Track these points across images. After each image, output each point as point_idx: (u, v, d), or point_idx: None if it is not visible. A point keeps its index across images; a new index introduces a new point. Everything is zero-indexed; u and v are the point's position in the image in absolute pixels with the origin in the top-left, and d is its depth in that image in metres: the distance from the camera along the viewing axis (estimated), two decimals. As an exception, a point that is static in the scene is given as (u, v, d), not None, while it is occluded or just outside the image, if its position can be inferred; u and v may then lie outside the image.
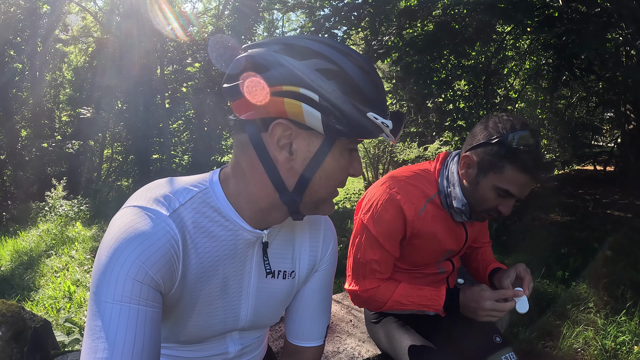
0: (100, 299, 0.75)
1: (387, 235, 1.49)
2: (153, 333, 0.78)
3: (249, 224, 0.91)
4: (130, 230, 0.79)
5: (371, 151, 18.19)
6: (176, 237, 0.83)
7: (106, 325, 0.73)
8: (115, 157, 17.22)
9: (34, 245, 5.88)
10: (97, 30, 16.14)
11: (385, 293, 1.54)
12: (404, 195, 1.48)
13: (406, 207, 1.47)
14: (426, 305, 1.52)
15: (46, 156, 13.59)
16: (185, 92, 14.65)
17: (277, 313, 1.09)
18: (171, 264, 0.82)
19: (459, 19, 6.55)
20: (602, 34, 4.27)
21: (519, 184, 1.34)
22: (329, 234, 1.13)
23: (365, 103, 0.78)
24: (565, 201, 7.64)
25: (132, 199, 0.87)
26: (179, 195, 0.87)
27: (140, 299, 0.76)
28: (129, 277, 0.76)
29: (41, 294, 4.00)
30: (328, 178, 0.85)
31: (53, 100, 16.20)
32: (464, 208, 1.47)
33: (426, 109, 9.46)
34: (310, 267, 1.09)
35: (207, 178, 0.93)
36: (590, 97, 10.34)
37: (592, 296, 3.73)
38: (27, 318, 1.82)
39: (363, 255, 1.53)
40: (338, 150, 0.83)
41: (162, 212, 0.83)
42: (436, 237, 1.54)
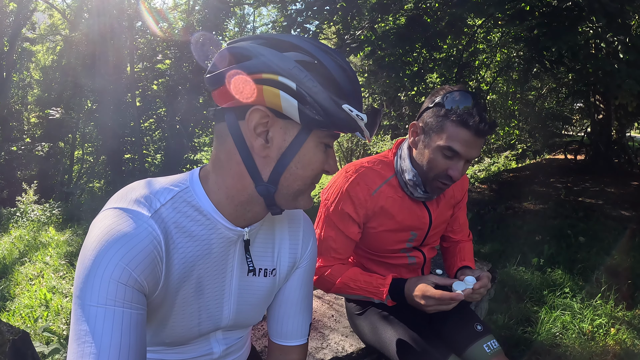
0: (84, 303, 0.75)
1: (340, 215, 1.53)
2: (139, 335, 0.78)
3: (230, 221, 0.91)
4: (113, 232, 0.78)
5: (344, 145, 18.31)
6: (158, 238, 0.83)
7: (92, 329, 0.73)
8: (86, 158, 16.87)
9: (7, 253, 5.71)
10: (65, 28, 15.72)
11: (335, 274, 1.56)
12: (358, 176, 1.53)
13: (359, 188, 1.51)
14: (371, 292, 1.52)
15: (15, 160, 13.25)
16: (156, 89, 14.36)
17: (259, 311, 1.10)
18: (154, 265, 0.82)
19: (431, 13, 6.61)
20: (573, 28, 4.37)
21: (461, 140, 1.37)
22: (309, 231, 1.14)
23: (341, 95, 0.80)
24: (538, 190, 7.81)
25: (113, 200, 0.87)
26: (159, 195, 0.87)
27: (125, 301, 0.76)
28: (112, 280, 0.75)
29: (17, 304, 3.88)
30: (303, 169, 0.86)
31: (21, 101, 15.80)
32: (415, 178, 1.50)
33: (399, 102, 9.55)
34: (291, 265, 1.10)
35: (187, 177, 0.93)
36: (560, 88, 10.59)
37: (567, 281, 3.84)
38: (5, 330, 1.77)
39: (321, 231, 1.57)
40: (314, 142, 0.84)
41: (144, 212, 0.83)
42: (394, 218, 1.57)
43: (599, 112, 8.89)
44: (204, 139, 15.22)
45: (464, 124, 1.34)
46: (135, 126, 13.26)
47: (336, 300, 2.35)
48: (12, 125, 14.36)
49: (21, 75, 15.98)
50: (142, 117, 13.92)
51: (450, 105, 1.36)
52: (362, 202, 1.51)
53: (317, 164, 0.87)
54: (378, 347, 1.67)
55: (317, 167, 0.87)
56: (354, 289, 1.54)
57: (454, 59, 7.84)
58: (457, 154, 1.38)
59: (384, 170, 1.57)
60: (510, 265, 4.28)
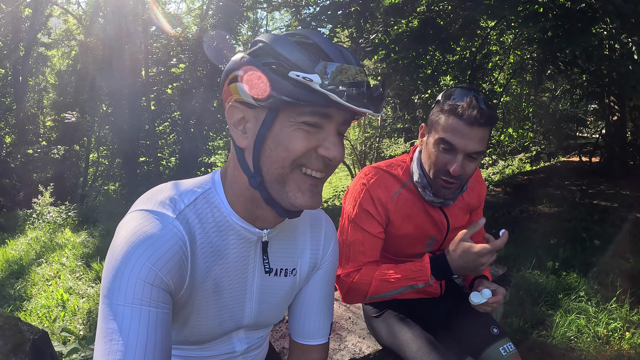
0: (112, 302, 0.77)
1: (364, 216, 1.54)
2: (164, 334, 0.79)
3: (246, 220, 0.93)
4: (139, 233, 0.81)
5: (358, 148, 18.27)
6: (184, 239, 0.85)
7: (119, 328, 0.75)
8: (101, 161, 17.05)
9: (24, 254, 5.81)
10: (80, 33, 15.94)
11: (368, 274, 1.53)
12: (378, 179, 1.55)
13: (379, 190, 1.53)
14: (413, 278, 1.47)
15: (31, 162, 13.45)
16: (170, 93, 14.54)
17: (280, 311, 1.11)
18: (180, 264, 0.85)
19: (444, 15, 6.60)
20: (587, 29, 4.34)
21: (454, 130, 1.36)
22: (330, 233, 1.15)
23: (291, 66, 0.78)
24: (553, 193, 7.74)
25: (139, 202, 0.89)
26: (183, 197, 0.90)
27: (151, 300, 0.78)
28: (139, 280, 0.78)
29: (34, 304, 3.95)
30: (277, 150, 0.82)
31: (37, 105, 16.03)
32: (421, 179, 1.52)
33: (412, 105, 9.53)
34: (312, 266, 1.12)
35: (210, 178, 0.96)
36: (574, 90, 10.48)
37: (582, 285, 3.79)
38: (25, 330, 1.81)
39: (347, 237, 1.57)
40: (287, 122, 0.81)
41: (169, 214, 0.85)
42: (413, 221, 1.58)
43: (614, 114, 8.78)
44: (218, 142, 15.31)
45: (454, 113, 1.35)
46: (150, 129, 13.37)
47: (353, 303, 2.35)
48: (28, 128, 14.59)
49: (37, 79, 16.19)
50: (156, 121, 14.04)
51: (446, 100, 1.39)
52: (384, 203, 1.53)
53: (292, 144, 0.81)
54: (395, 348, 1.68)
55: (294, 147, 0.81)
56: (394, 281, 1.49)
57: (467, 61, 7.80)
58: (453, 146, 1.37)
59: (402, 174, 1.59)
60: (525, 269, 4.24)
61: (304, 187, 0.86)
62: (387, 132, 12.53)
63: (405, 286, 1.49)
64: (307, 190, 0.86)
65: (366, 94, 0.77)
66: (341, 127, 0.85)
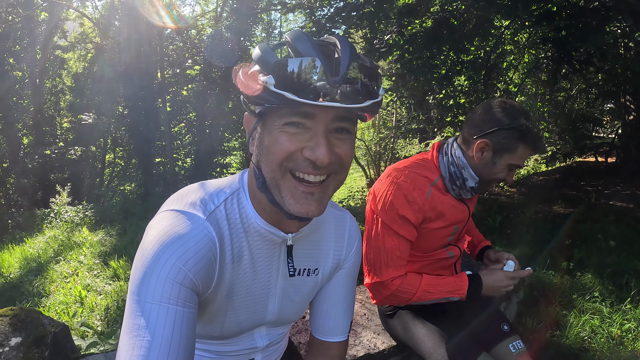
0: (140, 299, 0.79)
1: (400, 221, 1.57)
2: (189, 333, 0.81)
3: (269, 223, 0.94)
4: (171, 233, 0.83)
5: (372, 149, 18.22)
6: (214, 240, 0.88)
7: (146, 324, 0.77)
8: (117, 161, 17.23)
9: (42, 252, 5.92)
10: (95, 36, 16.14)
11: (414, 283, 1.60)
12: (410, 182, 1.58)
13: (415, 194, 1.56)
14: (452, 292, 1.60)
15: (49, 163, 13.62)
16: (186, 95, 14.68)
17: (301, 308, 1.14)
18: (210, 265, 0.87)
19: (458, 15, 6.57)
20: (601, 28, 4.30)
21: (525, 158, 1.58)
22: (354, 233, 1.16)
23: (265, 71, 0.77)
24: (568, 193, 7.66)
25: (169, 202, 0.92)
26: (213, 197, 0.92)
27: (178, 299, 0.80)
28: (169, 279, 0.80)
29: (52, 300, 4.04)
30: (267, 154, 0.82)
31: (54, 107, 16.23)
32: (476, 185, 1.60)
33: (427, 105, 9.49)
34: (335, 265, 1.13)
35: (238, 179, 0.98)
36: (589, 89, 10.35)
37: (597, 285, 3.76)
38: (46, 323, 1.86)
39: (383, 243, 1.59)
40: (270, 126, 0.81)
41: (200, 215, 0.88)
42: (444, 216, 1.64)
43: (630, 113, 8.65)
44: (233, 143, 15.42)
45: (533, 147, 1.55)
46: (166, 130, 13.50)
47: (368, 299, 2.38)
48: (45, 130, 14.80)
49: (54, 81, 16.40)
50: (172, 122, 14.17)
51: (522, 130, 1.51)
52: (420, 206, 1.57)
53: (275, 147, 0.80)
54: (410, 344, 1.72)
55: (278, 150, 0.80)
56: (434, 293, 1.60)
57: (481, 61, 7.74)
58: (519, 167, 1.59)
59: (427, 173, 1.63)
60: (540, 269, 4.22)
61: (297, 193, 0.83)
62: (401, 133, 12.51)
63: (442, 297, 1.61)
64: (300, 196, 0.83)
65: (331, 85, 0.74)
66: (332, 125, 0.81)
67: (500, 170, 1.56)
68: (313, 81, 0.73)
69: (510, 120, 1.50)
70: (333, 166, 0.83)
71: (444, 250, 1.76)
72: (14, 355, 1.54)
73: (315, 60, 0.74)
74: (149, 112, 13.46)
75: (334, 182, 0.87)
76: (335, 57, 0.77)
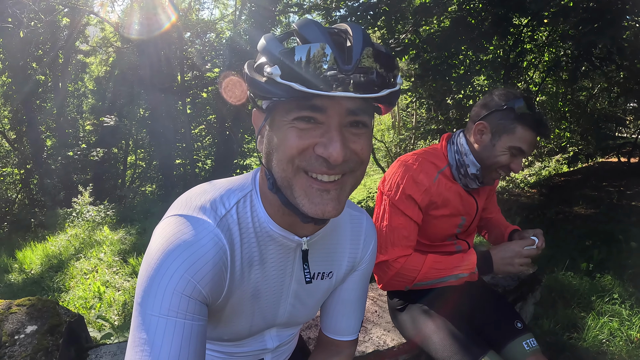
0: (145, 312, 0.75)
1: (407, 201, 1.58)
2: (198, 347, 0.77)
3: (282, 227, 0.89)
4: (177, 241, 0.77)
5: (393, 150, 18.17)
6: (224, 248, 0.82)
7: (150, 339, 0.73)
8: (139, 163, 17.54)
9: (63, 249, 6.05)
10: (116, 40, 16.45)
11: (418, 260, 1.59)
12: (418, 165, 1.61)
13: (422, 176, 1.59)
14: (460, 267, 1.58)
15: (71, 164, 13.91)
16: (205, 97, 14.87)
17: (313, 310, 1.10)
18: (220, 275, 0.82)
19: (475, 14, 6.51)
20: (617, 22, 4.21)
21: (528, 141, 1.53)
22: (370, 235, 1.11)
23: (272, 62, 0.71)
24: (589, 194, 7.51)
25: (175, 206, 0.86)
26: (224, 200, 0.86)
27: (187, 313, 0.76)
28: (176, 292, 0.75)
29: (71, 295, 4.13)
30: (276, 151, 0.76)
31: (76, 110, 16.59)
32: (478, 172, 1.60)
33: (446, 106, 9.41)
34: (350, 267, 1.09)
35: (250, 179, 0.92)
36: (611, 88, 10.12)
37: (616, 287, 3.68)
38: (62, 313, 1.90)
39: (389, 222, 1.60)
40: (279, 122, 0.75)
41: (209, 221, 0.81)
42: (451, 204, 1.64)
43: (654, 112, 8.45)
44: (253, 145, 15.53)
45: (530, 126, 1.51)
46: (186, 133, 13.70)
47: (380, 296, 2.37)
48: (68, 132, 15.13)
49: (76, 85, 16.78)
50: (192, 124, 14.40)
51: (521, 111, 1.50)
52: (427, 188, 1.58)
53: (285, 145, 0.74)
54: (418, 340, 1.70)
55: (287, 148, 0.74)
56: (441, 270, 1.58)
57: (500, 60, 7.66)
58: (523, 152, 1.54)
59: (437, 161, 1.65)
60: (559, 270, 4.15)
61: (311, 191, 0.76)
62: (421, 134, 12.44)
63: (451, 275, 1.58)
64: (315, 195, 0.76)
65: (343, 74, 0.68)
66: (346, 118, 0.73)
67: (500, 152, 1.54)
68: (323, 70, 0.67)
69: (505, 102, 1.52)
70: (348, 164, 0.76)
71: (451, 243, 1.76)
72: (29, 342, 1.58)
73: (325, 47, 0.67)
74: (170, 114, 13.67)
75: (351, 179, 0.79)
76: (347, 45, 0.70)
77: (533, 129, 1.52)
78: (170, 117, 13.77)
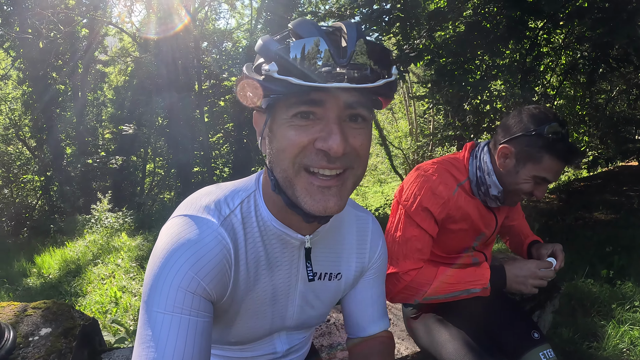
0: (151, 309, 0.76)
1: (423, 213, 1.51)
2: (203, 343, 0.78)
3: (286, 225, 0.90)
4: (182, 240, 0.79)
5: (410, 157, 18.09)
6: (228, 246, 0.83)
7: (156, 335, 0.74)
8: (157, 171, 17.74)
9: (81, 255, 6.14)
10: (134, 50, 16.73)
11: (429, 273, 1.52)
12: (438, 176, 1.53)
13: (441, 188, 1.51)
14: (472, 282, 1.50)
15: (91, 172, 14.13)
16: (223, 105, 15.02)
17: (322, 313, 1.08)
18: (223, 273, 0.83)
19: (490, 17, 6.46)
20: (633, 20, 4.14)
21: (555, 171, 1.43)
22: (377, 235, 1.11)
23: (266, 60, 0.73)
24: (609, 199, 7.37)
25: (181, 207, 0.88)
26: (228, 201, 0.88)
27: (192, 309, 0.77)
28: (181, 288, 0.76)
29: (88, 300, 4.18)
30: (277, 151, 0.77)
31: (96, 118, 16.84)
32: (500, 195, 1.52)
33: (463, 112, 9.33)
34: (359, 270, 1.09)
35: (254, 180, 0.94)
36: (630, 90, 9.96)
37: (637, 295, 3.59)
38: (77, 316, 1.92)
39: (403, 233, 1.53)
40: (279, 121, 0.76)
41: (213, 220, 0.84)
42: (469, 218, 1.57)
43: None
44: (269, 152, 15.62)
45: (561, 159, 1.41)
46: (204, 141, 13.85)
47: (394, 305, 2.35)
48: (88, 140, 15.39)
49: (95, 94, 17.05)
50: (210, 132, 14.54)
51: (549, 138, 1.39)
52: (446, 200, 1.51)
53: (285, 143, 0.75)
54: (432, 350, 1.67)
55: (288, 145, 0.74)
56: (452, 283, 1.51)
57: (517, 64, 7.58)
58: (548, 181, 1.46)
59: (457, 173, 1.58)
60: (578, 278, 4.06)
61: (313, 189, 0.76)
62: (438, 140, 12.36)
63: (462, 290, 1.51)
64: (317, 192, 0.76)
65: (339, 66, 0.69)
66: (344, 112, 0.74)
67: (523, 180, 1.46)
68: (318, 66, 0.68)
69: (535, 126, 1.40)
70: (348, 158, 0.76)
71: (468, 256, 1.70)
72: (43, 344, 1.61)
73: (319, 41, 0.69)
74: (188, 123, 13.84)
75: (351, 177, 0.79)
76: (342, 40, 0.72)
77: (561, 159, 1.41)
78: (188, 126, 13.94)
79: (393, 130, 22.08)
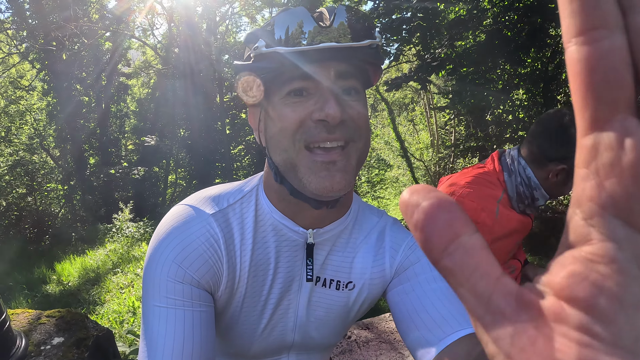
0: (148, 302, 0.74)
1: None
2: (203, 334, 0.74)
3: (290, 219, 0.83)
4: (170, 229, 0.78)
5: (432, 169, 17.92)
6: (216, 237, 0.79)
7: (153, 328, 0.72)
8: (179, 182, 17.90)
9: (101, 263, 6.19)
10: (157, 63, 17.03)
11: None
12: (478, 202, 1.45)
13: (484, 215, 1.44)
14: None
15: (113, 182, 14.33)
16: (244, 117, 15.15)
17: (332, 330, 0.95)
18: (211, 264, 0.79)
19: (510, 26, 6.39)
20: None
21: None
22: (398, 238, 0.92)
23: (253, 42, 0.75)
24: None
25: (186, 198, 0.87)
26: (229, 195, 0.86)
27: (184, 299, 0.74)
28: (169, 278, 0.74)
29: (106, 308, 4.18)
30: (275, 134, 0.75)
31: (119, 129, 17.13)
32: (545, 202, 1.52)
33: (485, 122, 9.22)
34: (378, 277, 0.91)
35: (258, 176, 0.91)
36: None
37: None
38: (91, 327, 1.91)
39: None
40: (274, 103, 0.75)
41: (206, 210, 0.81)
42: (514, 233, 1.54)
43: None
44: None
45: None
46: (225, 152, 13.95)
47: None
48: (110, 151, 15.67)
49: (118, 106, 17.32)
50: (231, 144, 14.63)
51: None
52: (490, 227, 1.43)
53: (282, 120, 0.73)
54: None
55: (285, 122, 0.73)
56: None
57: (539, 73, 7.46)
58: None
59: (493, 190, 1.52)
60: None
61: (316, 166, 0.72)
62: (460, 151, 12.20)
63: None
64: (321, 168, 0.72)
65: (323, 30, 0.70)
66: (337, 83, 0.73)
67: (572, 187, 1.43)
68: (303, 33, 0.69)
69: None
70: (348, 129, 0.73)
71: (505, 266, 1.65)
72: (54, 353, 1.58)
73: (302, 11, 0.70)
74: (209, 134, 13.98)
75: (354, 151, 0.75)
76: (324, 12, 0.74)
77: None
78: (210, 138, 14.07)
79: (414, 142, 21.85)
